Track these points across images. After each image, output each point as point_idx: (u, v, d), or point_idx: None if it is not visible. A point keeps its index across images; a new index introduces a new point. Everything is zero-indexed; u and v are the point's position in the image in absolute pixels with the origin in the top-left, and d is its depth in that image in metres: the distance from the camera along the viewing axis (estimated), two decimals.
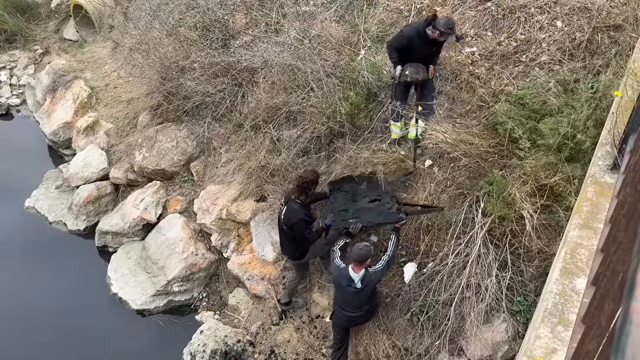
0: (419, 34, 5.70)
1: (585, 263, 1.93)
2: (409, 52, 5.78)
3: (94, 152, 8.53)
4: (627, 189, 1.61)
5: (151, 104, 8.39)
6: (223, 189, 7.44)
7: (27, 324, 6.94)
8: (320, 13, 7.67)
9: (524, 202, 5.13)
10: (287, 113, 7.10)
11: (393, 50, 5.83)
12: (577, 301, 1.79)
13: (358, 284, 5.21)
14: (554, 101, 5.65)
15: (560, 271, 1.89)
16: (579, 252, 1.97)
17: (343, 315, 5.50)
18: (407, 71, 5.76)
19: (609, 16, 6.07)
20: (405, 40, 5.75)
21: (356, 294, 5.29)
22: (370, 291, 5.36)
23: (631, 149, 2.15)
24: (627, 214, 1.42)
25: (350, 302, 5.39)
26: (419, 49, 5.76)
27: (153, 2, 9.45)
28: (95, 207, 8.18)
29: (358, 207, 5.89)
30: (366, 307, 5.43)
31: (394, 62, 5.86)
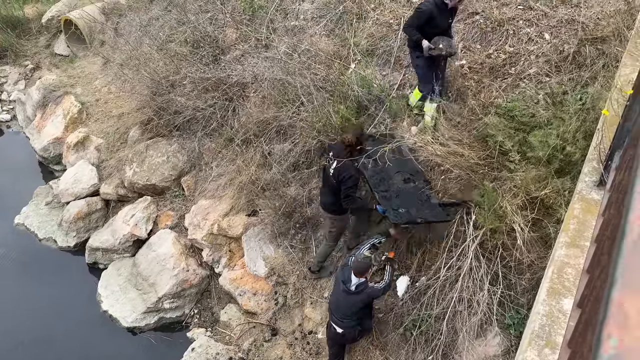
0: (437, 5, 5.63)
1: (572, 283, 1.91)
2: (429, 27, 5.68)
3: (84, 167, 8.47)
4: (611, 210, 1.59)
5: (142, 119, 8.37)
6: (214, 204, 7.40)
7: (16, 341, 6.83)
8: (310, 27, 7.70)
9: (515, 215, 5.12)
10: (277, 127, 7.09)
11: (412, 29, 5.71)
12: (564, 322, 1.77)
13: (353, 287, 5.18)
14: (543, 113, 5.66)
15: (547, 291, 1.87)
16: (566, 272, 1.94)
17: (331, 324, 5.43)
18: (441, 44, 5.63)
19: (596, 28, 6.11)
20: (426, 15, 5.64)
21: (347, 297, 5.22)
22: (360, 304, 5.25)
23: (616, 166, 2.14)
24: (611, 237, 1.40)
25: (340, 305, 5.31)
26: (439, 22, 5.69)
27: (143, 17, 9.46)
28: (86, 224, 8.10)
29: (394, 187, 5.67)
30: (353, 323, 5.33)
31: (416, 38, 5.70)
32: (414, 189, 5.70)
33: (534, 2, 6.55)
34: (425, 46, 5.70)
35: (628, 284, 0.53)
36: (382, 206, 5.55)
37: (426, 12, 5.68)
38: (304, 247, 6.59)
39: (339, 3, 7.63)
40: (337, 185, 5.53)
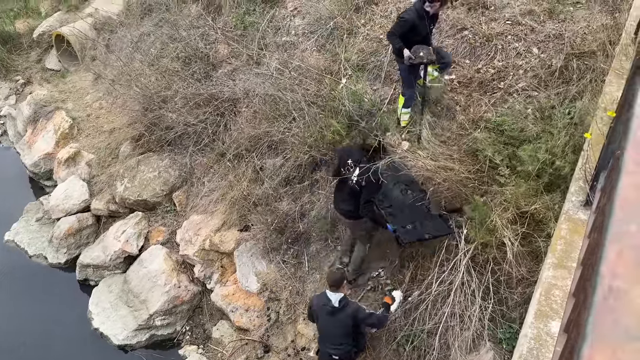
0: (419, 13, 5.79)
1: (560, 305, 1.92)
2: (411, 35, 5.83)
3: (75, 183, 8.44)
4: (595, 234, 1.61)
5: (133, 135, 8.36)
6: (206, 219, 7.38)
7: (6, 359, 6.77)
8: (301, 43, 7.75)
9: (505, 229, 5.14)
10: (269, 142, 7.11)
11: (395, 37, 5.86)
12: (552, 346, 1.78)
13: (335, 303, 4.97)
14: (532, 128, 5.72)
15: (535, 314, 1.88)
16: (554, 294, 1.96)
17: (324, 350, 5.28)
18: (422, 52, 5.77)
19: (582, 43, 6.20)
20: (409, 24, 5.79)
21: (334, 318, 5.02)
22: (351, 321, 5.04)
23: (602, 187, 2.17)
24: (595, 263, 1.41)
25: (331, 332, 5.14)
26: (421, 29, 5.84)
27: (134, 33, 9.48)
28: (76, 240, 8.05)
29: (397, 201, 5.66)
30: (346, 343, 5.16)
31: (398, 47, 5.85)
32: (413, 201, 5.70)
33: (521, 18, 6.63)
34: (406, 56, 5.82)
35: (598, 339, 0.54)
36: (391, 224, 5.55)
37: (409, 20, 5.81)
38: (297, 262, 6.58)
39: (329, 19, 7.69)
40: (360, 191, 5.51)
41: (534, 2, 6.75)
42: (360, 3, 7.67)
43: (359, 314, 5.03)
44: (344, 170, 5.64)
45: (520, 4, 6.78)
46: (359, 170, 5.46)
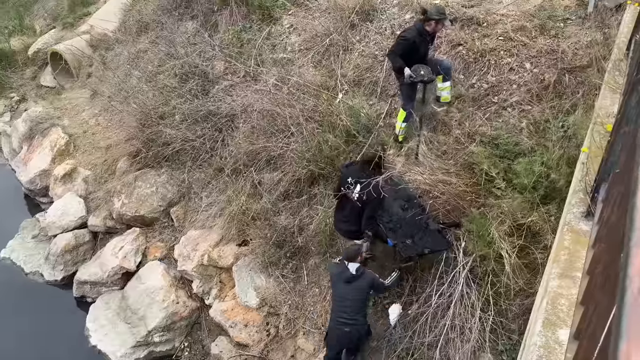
0: (420, 33, 6.02)
1: (566, 313, 1.98)
2: (412, 54, 6.02)
3: (71, 200, 8.43)
4: (602, 244, 1.67)
5: (130, 151, 8.38)
6: (204, 234, 7.39)
7: None
8: (298, 59, 7.86)
9: (502, 242, 5.22)
10: (267, 157, 7.17)
11: (396, 57, 6.04)
12: (561, 353, 1.83)
13: (353, 271, 5.24)
14: (527, 141, 5.83)
15: (542, 323, 1.93)
16: (560, 303, 2.02)
17: (336, 326, 5.35)
18: (422, 71, 5.98)
19: (574, 58, 6.34)
20: (410, 43, 6.00)
21: (351, 286, 5.25)
22: (367, 288, 5.30)
23: (603, 199, 2.24)
24: (604, 272, 1.47)
25: (346, 300, 5.28)
26: (421, 48, 6.06)
27: (131, 50, 9.56)
28: (73, 256, 8.03)
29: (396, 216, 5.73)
30: (359, 318, 5.32)
31: (399, 66, 6.03)
32: (412, 217, 5.76)
33: (513, 34, 6.77)
34: (407, 74, 5.98)
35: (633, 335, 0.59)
36: (390, 239, 5.65)
37: (410, 40, 6.01)
38: (296, 276, 6.60)
39: (325, 36, 7.82)
40: (362, 207, 5.62)
41: (526, 18, 6.90)
42: (355, 20, 7.79)
43: (375, 280, 5.35)
44: (344, 189, 5.72)
45: (512, 20, 6.93)
46: (359, 187, 5.54)
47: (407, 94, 6.32)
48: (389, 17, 7.73)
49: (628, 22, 4.62)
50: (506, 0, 7.34)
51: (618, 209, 1.51)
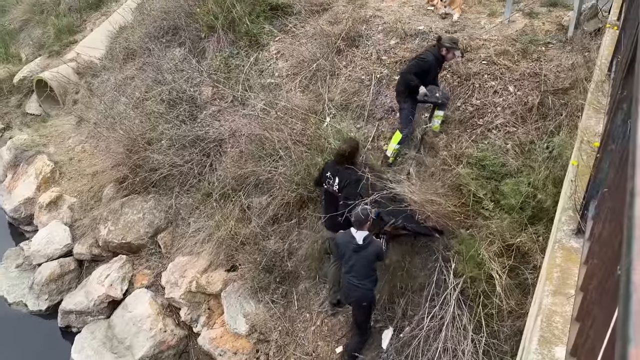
0: (436, 57, 6.35)
1: (561, 330, 1.98)
2: (426, 75, 6.31)
3: (57, 228, 8.31)
4: (594, 260, 1.68)
5: (117, 177, 8.31)
6: (192, 260, 7.31)
7: None
8: (286, 84, 7.92)
9: (492, 262, 5.22)
10: (256, 181, 7.15)
11: (412, 76, 6.27)
12: None
13: (360, 240, 5.34)
14: (513, 162, 5.90)
15: (538, 340, 1.93)
16: (555, 320, 2.01)
17: (347, 283, 5.52)
18: (437, 93, 6.38)
19: (557, 80, 6.48)
20: (427, 65, 6.31)
21: (359, 255, 5.37)
22: (373, 256, 5.40)
23: (593, 216, 2.26)
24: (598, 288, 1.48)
25: (352, 266, 5.43)
26: (432, 71, 6.40)
27: (118, 77, 9.57)
28: (58, 286, 7.87)
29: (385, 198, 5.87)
30: (368, 282, 5.45)
31: (415, 84, 6.25)
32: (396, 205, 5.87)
33: (496, 58, 6.92)
34: (422, 92, 6.24)
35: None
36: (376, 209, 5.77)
37: (427, 62, 6.32)
38: (286, 301, 6.53)
39: (312, 61, 7.91)
40: (340, 195, 5.80)
41: (508, 43, 7.06)
42: (341, 46, 7.91)
43: (381, 250, 5.51)
44: (325, 185, 5.98)
45: (495, 45, 7.08)
46: (337, 179, 5.83)
47: (408, 117, 6.47)
48: (374, 42, 7.86)
49: (608, 44, 4.75)
50: (488, 25, 7.52)
51: (609, 225, 1.53)
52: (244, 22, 8.68)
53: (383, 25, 8.03)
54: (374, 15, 8.24)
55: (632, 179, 0.93)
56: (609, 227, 1.55)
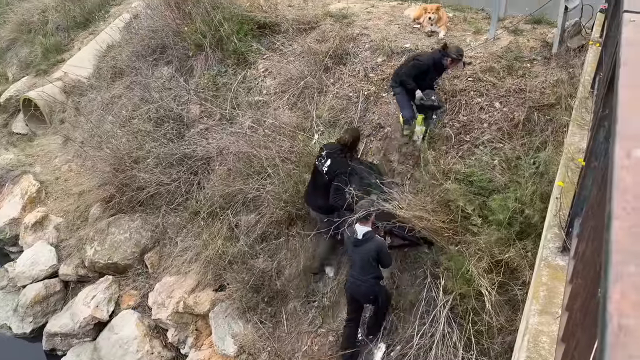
0: (435, 63, 6.36)
1: (548, 351, 1.95)
2: (423, 78, 6.34)
3: (42, 248, 8.18)
4: (579, 279, 1.67)
5: (103, 196, 8.23)
6: (179, 280, 7.21)
7: None
8: (274, 102, 7.93)
9: (481, 279, 5.20)
10: (244, 199, 7.11)
11: (409, 79, 6.32)
12: None
13: (360, 235, 5.34)
14: (500, 178, 5.91)
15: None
16: (541, 340, 1.99)
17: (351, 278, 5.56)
18: (433, 97, 6.42)
19: (542, 97, 6.54)
20: (424, 68, 6.34)
21: (359, 250, 5.37)
22: (374, 253, 5.35)
23: (578, 234, 2.25)
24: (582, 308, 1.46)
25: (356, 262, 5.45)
26: (431, 76, 6.45)
27: (105, 96, 9.54)
28: (43, 307, 7.73)
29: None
30: (369, 278, 5.42)
31: (411, 87, 6.30)
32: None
33: (482, 74, 6.98)
34: (418, 96, 6.30)
35: None
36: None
37: (425, 65, 6.36)
38: (275, 321, 6.45)
39: (300, 79, 7.93)
40: (329, 183, 5.84)
41: (493, 59, 7.13)
42: (329, 64, 7.95)
43: (382, 249, 5.45)
44: (317, 161, 6.04)
45: (481, 62, 7.15)
46: (330, 162, 5.88)
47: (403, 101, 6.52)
48: (361, 60, 7.91)
49: (591, 61, 4.81)
50: (474, 43, 7.60)
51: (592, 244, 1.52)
52: (232, 41, 8.70)
53: (370, 43, 8.09)
54: (361, 33, 8.30)
55: (609, 201, 0.92)
56: (591, 246, 1.53)
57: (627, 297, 0.68)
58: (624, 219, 0.84)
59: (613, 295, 0.69)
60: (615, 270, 0.73)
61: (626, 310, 0.66)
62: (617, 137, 1.09)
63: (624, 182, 0.93)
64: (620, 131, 1.10)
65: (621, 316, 0.66)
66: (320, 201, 6.07)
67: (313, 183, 6.19)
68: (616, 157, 1.02)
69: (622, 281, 0.71)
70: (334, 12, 8.90)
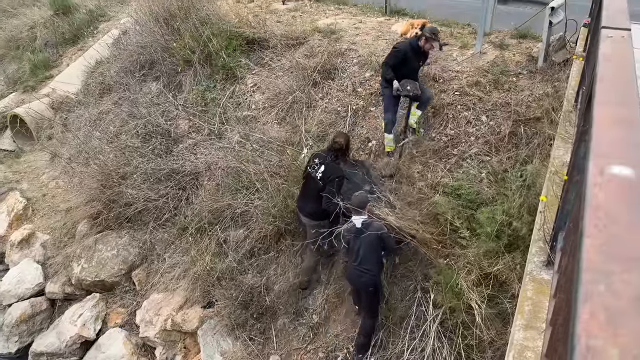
0: (412, 46, 6.40)
1: None
2: (403, 66, 6.35)
3: (28, 266, 8.07)
4: (561, 294, 1.66)
5: (90, 213, 8.15)
6: (167, 297, 7.13)
7: None
8: (262, 116, 7.94)
9: (471, 292, 5.19)
10: (232, 214, 7.07)
11: (388, 68, 6.36)
12: None
13: (358, 224, 5.39)
14: (488, 191, 5.94)
15: None
16: (526, 355, 1.98)
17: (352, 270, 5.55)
18: (409, 87, 6.32)
19: (528, 110, 6.60)
20: (402, 54, 6.36)
21: (357, 237, 5.38)
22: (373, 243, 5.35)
23: (561, 247, 2.26)
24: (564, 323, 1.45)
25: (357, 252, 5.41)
26: (411, 62, 6.42)
27: (92, 112, 9.50)
28: (29, 326, 7.60)
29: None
30: (372, 269, 5.41)
31: (390, 77, 6.34)
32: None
33: (469, 89, 7.03)
34: (395, 87, 6.33)
35: None
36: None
37: (402, 51, 6.38)
38: (264, 338, 6.37)
39: (288, 94, 7.96)
40: (323, 189, 5.86)
41: (480, 74, 7.19)
42: (317, 78, 7.99)
43: (383, 231, 5.44)
44: (310, 169, 6.07)
45: (467, 76, 7.21)
46: (324, 168, 5.93)
47: (388, 103, 6.60)
48: (349, 75, 7.95)
49: (575, 75, 4.86)
50: (460, 57, 7.67)
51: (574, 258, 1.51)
52: (221, 56, 8.73)
53: (358, 58, 8.14)
54: (348, 48, 8.36)
55: (582, 219, 0.92)
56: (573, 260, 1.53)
57: (596, 318, 0.68)
58: (596, 236, 0.84)
59: (582, 315, 0.68)
60: (585, 290, 0.73)
61: (594, 331, 0.66)
62: (591, 154, 1.10)
63: (596, 199, 0.93)
64: (594, 148, 1.11)
65: (589, 337, 0.65)
66: (312, 207, 6.08)
67: (305, 190, 6.22)
68: (589, 174, 1.03)
69: (592, 301, 0.71)
70: (322, 27, 8.97)
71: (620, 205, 0.90)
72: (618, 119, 1.26)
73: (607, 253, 0.80)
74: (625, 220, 0.87)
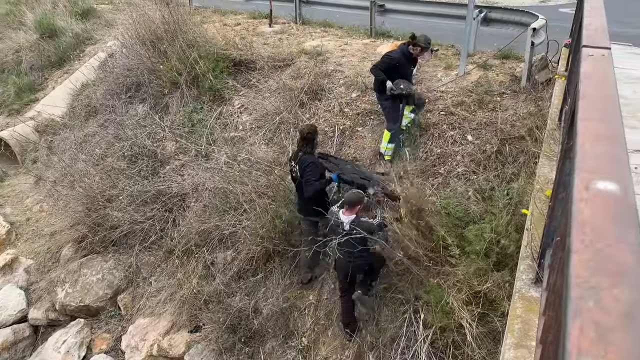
0: (404, 54, 6.60)
1: None
2: (394, 72, 6.52)
3: (11, 292, 7.90)
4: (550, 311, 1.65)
5: (75, 236, 8.04)
6: (153, 322, 7.01)
7: None
8: (250, 137, 7.94)
9: (462, 311, 5.16)
10: (220, 235, 7.00)
11: (380, 71, 6.53)
12: None
13: (346, 226, 5.39)
14: (475, 209, 5.95)
15: None
16: None
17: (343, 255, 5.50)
18: (402, 85, 6.51)
19: (512, 129, 6.67)
20: (394, 61, 6.56)
21: (345, 236, 5.39)
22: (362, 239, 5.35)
23: (549, 265, 2.26)
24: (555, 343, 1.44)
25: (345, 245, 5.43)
26: (403, 69, 6.63)
27: (78, 134, 9.44)
28: (11, 354, 7.41)
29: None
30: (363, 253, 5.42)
31: (381, 79, 6.52)
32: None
33: (454, 108, 7.11)
34: (388, 86, 6.50)
35: None
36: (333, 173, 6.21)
37: (395, 58, 6.58)
38: None
39: (275, 114, 7.98)
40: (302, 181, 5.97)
41: (464, 94, 7.28)
42: (304, 99, 8.03)
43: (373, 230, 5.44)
44: (293, 174, 6.17)
45: (452, 96, 7.30)
46: (298, 165, 6.04)
47: (392, 114, 6.73)
48: (336, 95, 8.01)
49: (558, 94, 4.94)
50: (445, 78, 7.77)
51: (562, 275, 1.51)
52: (208, 78, 8.76)
53: (344, 79, 8.21)
54: (335, 69, 8.44)
55: (569, 235, 0.91)
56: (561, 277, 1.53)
57: (585, 334, 0.67)
58: (583, 252, 0.84)
59: (572, 331, 0.67)
60: (574, 306, 0.72)
61: (585, 347, 0.65)
62: (577, 169, 1.10)
63: (582, 214, 0.93)
64: (579, 164, 1.11)
65: (580, 354, 0.64)
66: (301, 204, 6.24)
67: (298, 194, 6.31)
68: (575, 189, 1.03)
69: (582, 317, 0.70)
70: (308, 49, 9.06)
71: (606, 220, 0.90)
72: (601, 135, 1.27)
73: (595, 268, 0.79)
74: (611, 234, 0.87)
